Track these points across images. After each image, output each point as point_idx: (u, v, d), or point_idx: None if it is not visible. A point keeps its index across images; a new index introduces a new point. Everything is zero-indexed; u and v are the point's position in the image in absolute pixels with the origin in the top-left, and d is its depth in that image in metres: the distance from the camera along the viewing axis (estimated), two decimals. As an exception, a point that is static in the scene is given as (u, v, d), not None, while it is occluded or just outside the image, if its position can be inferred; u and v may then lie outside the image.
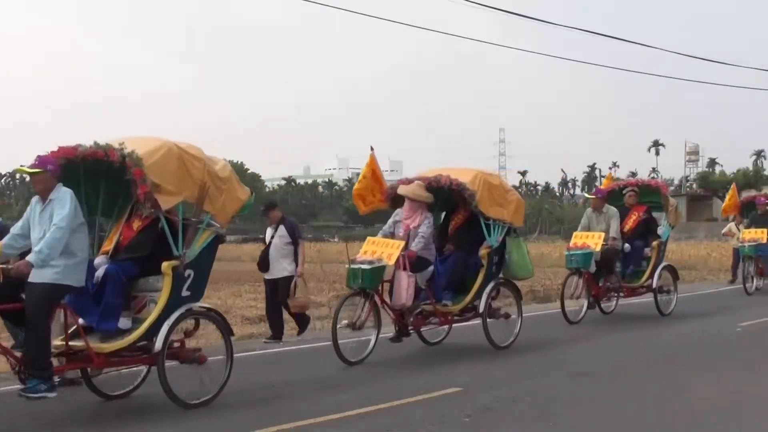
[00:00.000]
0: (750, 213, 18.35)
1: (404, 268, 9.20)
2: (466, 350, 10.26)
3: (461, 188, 9.68)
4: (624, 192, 13.88)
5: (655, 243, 13.49)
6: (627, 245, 13.26)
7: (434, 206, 10.18)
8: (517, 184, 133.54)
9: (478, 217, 9.87)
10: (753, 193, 21.89)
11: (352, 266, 9.09)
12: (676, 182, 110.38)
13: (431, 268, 9.73)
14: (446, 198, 10.26)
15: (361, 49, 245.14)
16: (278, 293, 11.00)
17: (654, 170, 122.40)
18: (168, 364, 6.95)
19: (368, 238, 9.66)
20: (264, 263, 11.14)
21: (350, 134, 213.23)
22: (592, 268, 12.49)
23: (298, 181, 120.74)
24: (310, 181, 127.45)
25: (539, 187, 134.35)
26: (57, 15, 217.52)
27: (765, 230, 17.07)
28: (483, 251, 9.91)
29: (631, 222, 13.52)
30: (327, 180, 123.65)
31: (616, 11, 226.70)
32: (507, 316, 10.30)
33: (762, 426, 6.50)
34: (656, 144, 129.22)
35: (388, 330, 9.95)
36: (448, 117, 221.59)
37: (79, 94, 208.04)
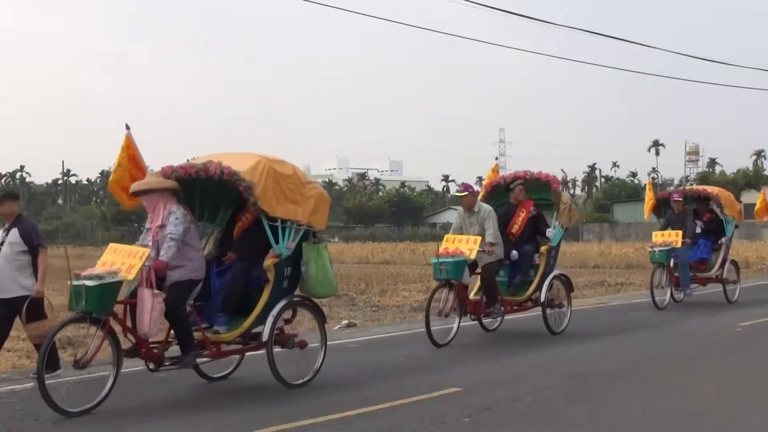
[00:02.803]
0: (666, 212, 15.73)
1: (150, 285, 7.00)
2: (466, 350, 10.26)
3: (235, 179, 7.49)
4: (511, 186, 11.74)
5: (543, 248, 11.41)
6: (514, 252, 11.22)
7: (221, 204, 8.43)
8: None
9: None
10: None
11: (74, 282, 6.70)
12: (676, 182, 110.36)
13: (200, 285, 7.56)
14: (238, 193, 7.79)
15: (362, 49, 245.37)
16: (13, 318, 8.39)
17: (654, 170, 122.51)
18: None
19: (110, 245, 7.31)
20: None
21: (350, 134, 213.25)
22: (466, 279, 10.51)
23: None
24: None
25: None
26: (55, 14, 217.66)
27: (680, 232, 14.45)
28: (268, 262, 7.75)
29: (519, 222, 11.44)
30: (327, 180, 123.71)
31: (616, 11, 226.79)
32: (303, 345, 8.15)
33: (763, 426, 6.50)
34: (656, 144, 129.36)
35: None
36: (449, 117, 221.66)
37: (76, 93, 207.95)
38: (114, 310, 6.90)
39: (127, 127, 8.47)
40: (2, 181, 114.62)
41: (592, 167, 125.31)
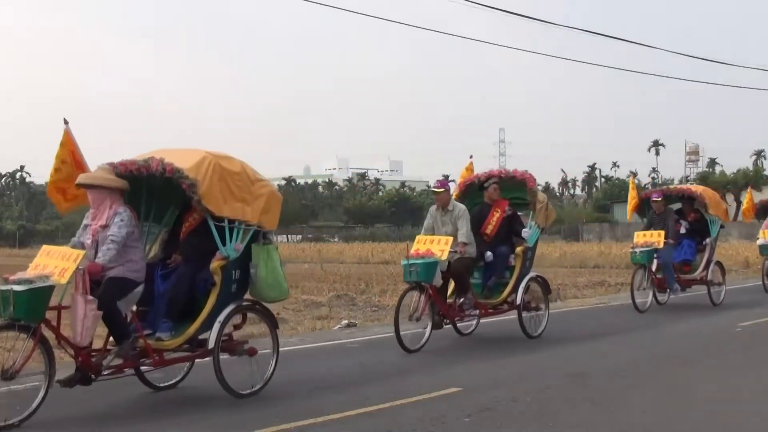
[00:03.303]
0: (649, 212, 15.10)
1: (84, 290, 6.54)
2: (465, 350, 10.26)
3: (177, 176, 7.01)
4: (485, 185, 11.23)
5: (519, 249, 10.93)
6: (488, 253, 10.80)
7: (168, 203, 7.95)
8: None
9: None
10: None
11: (2, 287, 6.26)
12: (676, 182, 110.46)
13: (139, 288, 7.08)
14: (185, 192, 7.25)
15: (362, 48, 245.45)
16: None
17: (654, 170, 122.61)
18: None
19: (43, 247, 6.81)
20: None
21: (350, 134, 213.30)
22: (437, 282, 9.99)
23: (298, 181, 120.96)
24: (310, 181, 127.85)
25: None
26: (53, 14, 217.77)
27: (662, 233, 13.98)
28: (215, 264, 7.31)
29: (493, 222, 10.99)
30: (327, 180, 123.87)
31: (616, 11, 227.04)
32: (252, 352, 7.69)
33: (763, 426, 6.50)
34: (656, 144, 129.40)
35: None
36: (448, 117, 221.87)
37: (75, 93, 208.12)
38: (47, 317, 6.45)
39: (66, 122, 7.80)
40: (2, 181, 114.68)
41: (592, 167, 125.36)
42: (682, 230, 14.94)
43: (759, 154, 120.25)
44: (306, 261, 36.98)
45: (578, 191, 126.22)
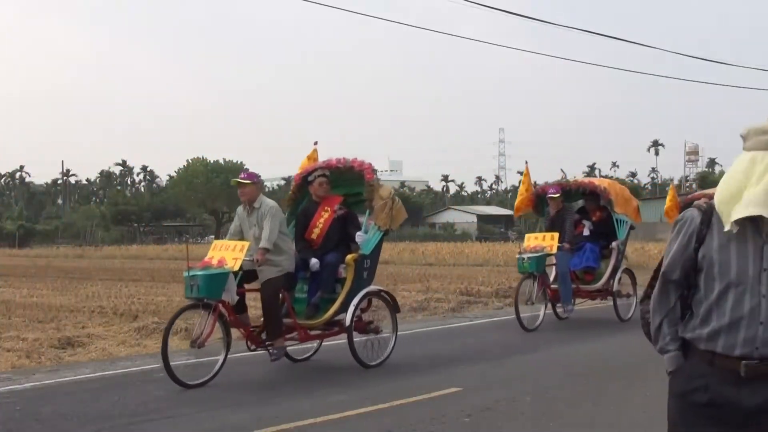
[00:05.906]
0: (545, 211, 12.91)
1: None
2: (465, 350, 10.26)
3: None
4: (309, 179, 9.23)
5: (349, 257, 8.80)
6: (313, 260, 8.77)
7: None
8: (517, 184, 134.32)
9: None
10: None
11: None
12: (675, 182, 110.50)
13: None
14: None
15: (362, 48, 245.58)
16: None
17: (654, 170, 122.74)
18: None
19: None
20: None
21: (350, 134, 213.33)
22: (231, 298, 7.96)
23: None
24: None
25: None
26: (53, 14, 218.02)
27: (556, 235, 11.80)
28: None
29: (320, 224, 9.03)
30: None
31: (616, 11, 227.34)
32: None
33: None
34: (656, 144, 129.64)
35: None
36: (448, 117, 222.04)
37: (75, 93, 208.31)
38: None
39: None
40: (2, 181, 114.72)
41: (592, 167, 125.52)
42: (586, 232, 12.82)
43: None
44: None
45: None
